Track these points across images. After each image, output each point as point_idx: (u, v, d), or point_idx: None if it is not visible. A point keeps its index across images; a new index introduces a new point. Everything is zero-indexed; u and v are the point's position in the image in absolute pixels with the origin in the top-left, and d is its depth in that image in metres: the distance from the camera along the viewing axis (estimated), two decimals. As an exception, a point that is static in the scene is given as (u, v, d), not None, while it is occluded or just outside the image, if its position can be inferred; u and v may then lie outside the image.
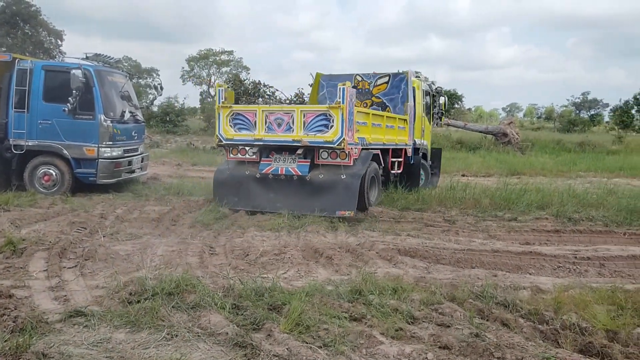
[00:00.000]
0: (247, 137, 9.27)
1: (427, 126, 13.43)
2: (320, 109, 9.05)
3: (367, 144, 9.61)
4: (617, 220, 8.67)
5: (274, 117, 9.13)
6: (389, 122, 10.78)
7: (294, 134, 8.95)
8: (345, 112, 8.60)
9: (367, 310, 4.35)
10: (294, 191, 9.07)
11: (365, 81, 12.33)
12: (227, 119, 9.43)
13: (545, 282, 5.54)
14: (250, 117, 9.28)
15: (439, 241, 7.40)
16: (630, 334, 4.04)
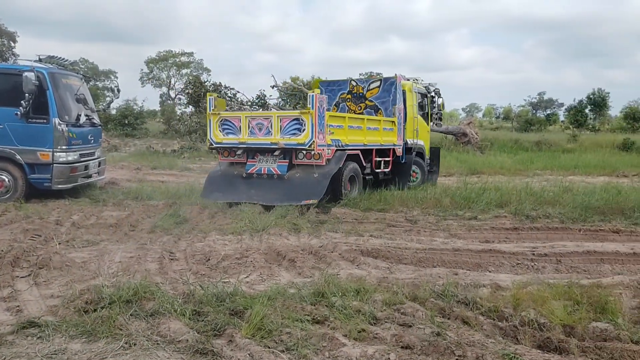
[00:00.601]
0: (234, 140, 10.39)
1: (424, 127, 14.04)
2: (293, 114, 10.11)
3: (343, 145, 10.46)
4: (572, 217, 8.91)
5: (255, 122, 10.20)
6: (370, 124, 11.59)
7: (272, 137, 9.97)
8: (314, 117, 9.53)
9: (330, 313, 4.33)
10: (272, 188, 9.98)
11: (360, 86, 13.21)
12: (217, 125, 10.55)
13: (505, 279, 5.63)
14: (236, 123, 10.38)
15: (401, 241, 7.45)
16: (586, 328, 4.14)
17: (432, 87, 14.73)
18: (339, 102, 13.51)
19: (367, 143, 11.37)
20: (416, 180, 13.49)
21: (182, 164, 18.94)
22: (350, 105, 13.30)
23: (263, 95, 27.21)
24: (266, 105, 27.50)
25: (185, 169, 17.52)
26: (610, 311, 4.42)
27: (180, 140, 25.88)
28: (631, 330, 4.11)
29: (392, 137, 12.39)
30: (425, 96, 14.29)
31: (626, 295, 5.02)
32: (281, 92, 31.16)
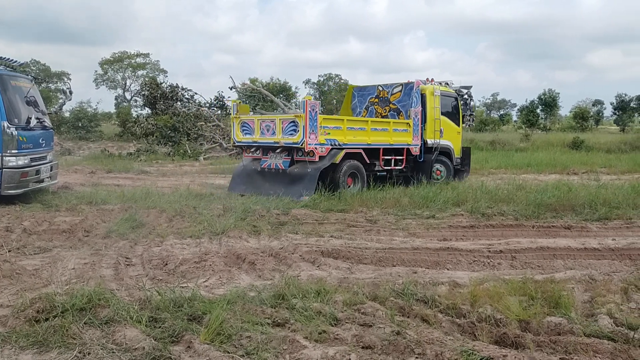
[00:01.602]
0: (249, 139, 12.46)
1: (451, 127, 14.90)
2: (290, 117, 11.72)
3: (340, 144, 11.88)
4: (526, 214, 9.15)
5: (264, 124, 12.12)
6: (376, 125, 13.01)
7: (276, 136, 11.77)
8: (305, 120, 11.10)
9: (291, 315, 4.31)
10: (279, 180, 11.68)
11: (385, 90, 14.67)
12: (238, 126, 12.68)
13: (462, 277, 5.73)
14: (252, 124, 12.38)
15: (361, 241, 7.48)
16: (541, 323, 4.24)
17: (464, 90, 15.57)
18: (368, 105, 15.05)
19: (371, 143, 12.58)
20: (440, 177, 14.31)
21: (139, 167, 18.55)
22: (377, 108, 14.79)
23: (221, 96, 26.96)
24: (225, 106, 27.29)
25: (142, 172, 17.16)
26: (564, 305, 4.55)
27: (136, 142, 25.36)
28: (584, 323, 4.24)
29: (405, 138, 13.54)
30: (456, 99, 15.15)
31: (578, 290, 5.18)
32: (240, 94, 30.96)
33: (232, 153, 22.80)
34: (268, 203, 9.50)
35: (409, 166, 13.85)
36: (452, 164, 14.83)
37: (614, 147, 28.62)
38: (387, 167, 13.25)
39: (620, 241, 7.58)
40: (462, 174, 15.25)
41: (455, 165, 15.03)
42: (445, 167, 14.62)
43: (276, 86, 47.83)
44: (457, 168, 15.13)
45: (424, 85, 14.20)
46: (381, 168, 13.11)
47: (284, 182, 11.57)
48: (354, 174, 12.15)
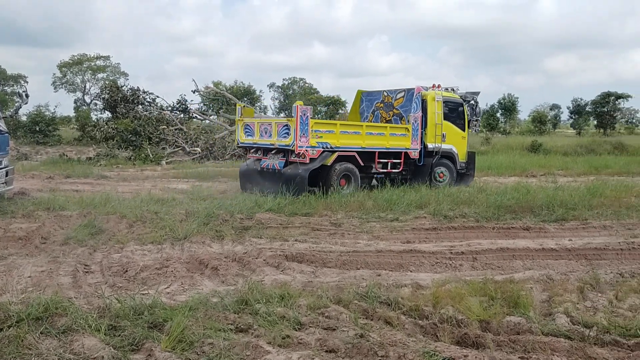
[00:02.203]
0: (250, 141, 13.29)
1: (455, 132, 15.08)
2: (283, 121, 12.51)
3: (332, 147, 12.39)
4: (486, 216, 9.32)
5: (263, 127, 12.96)
6: (372, 130, 13.48)
7: (272, 138, 12.53)
8: (296, 124, 11.80)
9: (254, 320, 4.27)
10: (275, 180, 12.32)
11: (389, 96, 15.15)
12: (242, 129, 13.56)
13: (425, 279, 5.80)
14: (253, 127, 13.22)
15: (325, 245, 7.49)
16: (501, 323, 4.33)
17: (470, 95, 15.82)
18: (374, 110, 15.53)
19: (365, 146, 13.03)
20: (443, 181, 14.53)
21: (98, 171, 18.10)
22: (382, 113, 15.28)
23: (184, 100, 26.60)
24: (187, 110, 26.94)
25: (102, 177, 16.74)
26: (522, 305, 4.66)
27: (96, 147, 24.74)
28: (541, 322, 4.35)
29: (404, 142, 13.90)
30: (461, 105, 15.37)
31: (536, 289, 5.31)
32: (203, 97, 30.66)
33: (195, 157, 22.52)
34: (232, 207, 9.40)
35: (408, 169, 14.28)
36: (456, 168, 15.06)
37: (570, 150, 29.47)
38: (383, 170, 13.67)
39: (576, 241, 7.81)
40: (467, 178, 15.49)
41: (460, 169, 15.27)
42: (448, 170, 14.85)
43: (240, 89, 47.60)
44: (462, 172, 15.37)
45: (425, 91, 14.58)
46: (377, 171, 13.56)
47: (279, 181, 12.16)
48: (348, 176, 12.69)
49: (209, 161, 22.59)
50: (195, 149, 23.07)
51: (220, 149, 23.44)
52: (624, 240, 7.76)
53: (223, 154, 23.19)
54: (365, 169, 13.26)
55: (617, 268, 6.28)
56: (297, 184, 11.75)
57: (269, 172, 12.70)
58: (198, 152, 22.90)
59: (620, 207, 10.19)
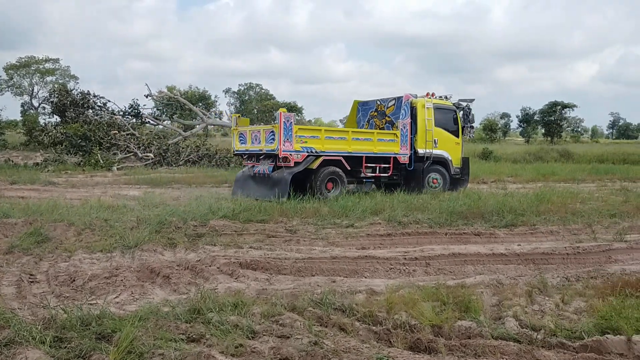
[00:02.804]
0: (244, 148, 14.18)
1: (447, 138, 15.58)
2: (269, 127, 13.18)
3: (317, 151, 13.07)
4: (439, 222, 9.48)
5: (254, 134, 13.80)
6: (358, 135, 14.14)
7: (261, 145, 13.35)
8: (279, 130, 12.52)
9: (206, 330, 4.19)
10: (265, 184, 13.10)
11: (382, 105, 15.82)
12: (236, 137, 14.46)
13: (379, 284, 5.83)
14: (245, 135, 14.07)
15: (281, 251, 7.45)
16: (452, 327, 4.39)
17: (464, 102, 16.25)
18: (369, 118, 16.22)
19: (352, 151, 13.66)
20: (437, 186, 15.01)
21: (46, 177, 17.49)
22: (376, 121, 15.95)
23: (137, 104, 26.07)
24: (140, 115, 26.40)
25: (49, 184, 16.17)
26: (473, 309, 4.74)
27: (43, 152, 23.92)
28: (492, 326, 4.44)
29: (392, 147, 14.44)
30: (455, 112, 15.90)
31: (487, 294, 5.41)
32: (157, 102, 30.12)
33: (147, 163, 22.06)
34: (185, 214, 9.23)
35: (399, 174, 14.81)
36: (449, 173, 15.46)
37: (519, 158, 30.44)
38: (372, 174, 14.27)
39: (525, 246, 8.04)
40: (461, 183, 15.85)
41: (455, 174, 15.66)
42: (441, 176, 15.28)
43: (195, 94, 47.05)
44: (457, 177, 15.75)
45: (414, 98, 15.11)
46: (365, 175, 14.14)
47: (267, 185, 12.97)
48: (334, 179, 13.32)
49: (162, 167, 22.20)
50: (148, 154, 22.63)
51: (173, 154, 23.07)
52: (570, 245, 8.03)
53: (177, 159, 22.83)
54: (353, 173, 13.86)
55: (564, 272, 6.48)
56: (281, 186, 12.42)
57: (260, 177, 13.46)
58: (151, 158, 22.47)
59: (566, 213, 10.54)
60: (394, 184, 14.59)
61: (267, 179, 13.12)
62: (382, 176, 14.47)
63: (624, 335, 4.14)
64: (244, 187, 13.64)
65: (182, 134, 26.11)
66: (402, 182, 14.70)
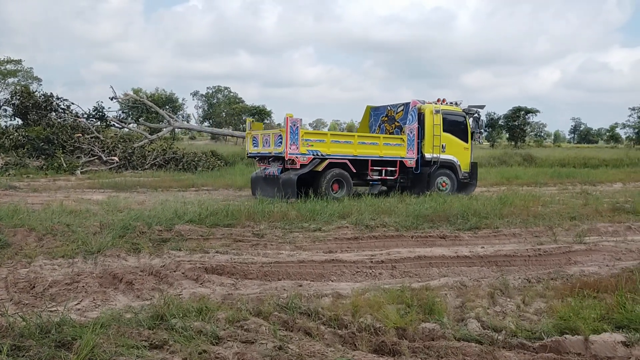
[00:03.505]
0: (256, 151, 15.26)
1: (456, 143, 16.14)
2: (277, 131, 14.21)
3: (323, 154, 13.99)
4: (406, 225, 9.57)
5: (264, 138, 14.80)
6: (364, 139, 14.96)
7: (270, 148, 14.34)
8: (286, 134, 13.48)
9: (169, 336, 4.14)
10: (274, 185, 13.88)
11: (392, 110, 16.58)
12: (250, 141, 15.49)
13: (345, 288, 5.86)
14: (258, 138, 15.15)
15: (247, 256, 7.40)
16: (417, 329, 4.45)
17: (474, 109, 16.78)
18: (380, 123, 16.96)
19: (357, 154, 14.47)
20: (445, 189, 15.64)
21: (7, 182, 17.01)
22: (386, 126, 16.69)
23: (101, 107, 25.58)
24: (105, 118, 25.92)
25: (10, 188, 15.73)
26: (437, 311, 4.80)
27: (4, 155, 23.23)
28: (455, 328, 4.51)
29: (398, 151, 15.20)
30: (464, 117, 16.46)
31: (450, 296, 5.49)
32: (122, 104, 29.63)
33: (112, 166, 21.66)
34: (150, 219, 9.09)
35: (406, 177, 15.49)
36: (457, 177, 16.03)
37: (484, 162, 30.92)
38: (378, 177, 15.05)
39: (488, 249, 8.19)
40: (469, 187, 16.36)
41: (463, 178, 16.20)
42: (450, 180, 15.91)
43: (162, 97, 46.46)
44: (465, 181, 16.26)
45: (422, 105, 15.81)
46: (372, 178, 14.91)
47: (277, 186, 13.68)
48: (340, 181, 14.16)
49: (128, 171, 21.85)
50: (113, 158, 22.23)
51: (139, 158, 22.72)
52: (531, 247, 8.22)
53: (142, 163, 22.49)
54: (360, 175, 14.70)
55: (525, 274, 6.62)
56: (288, 187, 13.26)
57: (270, 178, 14.39)
58: (115, 162, 22.07)
59: (528, 215, 10.78)
60: (401, 186, 15.18)
61: (276, 180, 13.98)
62: (388, 179, 15.16)
63: (582, 335, 4.26)
64: (259, 187, 14.73)
65: (148, 137, 25.72)
66: (408, 185, 15.36)
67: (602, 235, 9.49)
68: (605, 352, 4.08)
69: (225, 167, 23.61)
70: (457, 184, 16.02)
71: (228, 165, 24.48)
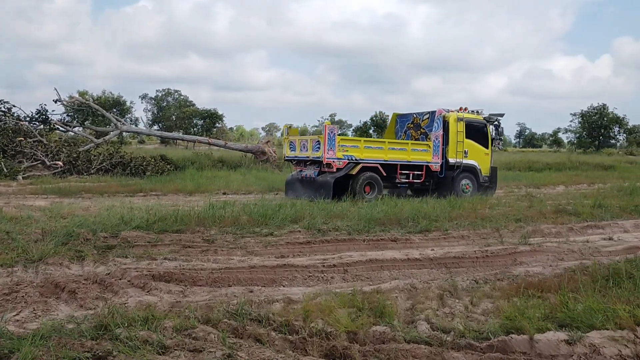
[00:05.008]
0: (293, 155, 16.31)
1: (478, 149, 17.37)
2: (315, 137, 15.42)
3: (357, 159, 15.14)
4: (358, 229, 9.61)
5: (302, 143, 15.99)
6: (394, 145, 16.10)
7: (308, 152, 15.53)
8: (324, 140, 14.69)
9: (114, 346, 3.99)
10: (311, 186, 15.11)
11: (418, 117, 17.77)
12: (287, 145, 16.58)
13: (297, 293, 5.82)
14: (295, 143, 16.28)
15: (197, 262, 7.25)
16: (367, 333, 4.45)
17: (494, 117, 17.93)
18: (406, 129, 18.08)
19: (387, 159, 15.63)
20: (468, 191, 16.77)
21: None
22: (412, 132, 17.84)
23: (45, 110, 24.63)
24: (48, 121, 25.00)
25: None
26: (388, 314, 4.83)
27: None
28: (405, 330, 4.54)
29: (425, 156, 16.35)
30: (485, 125, 17.68)
31: (401, 298, 5.55)
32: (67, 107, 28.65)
33: (56, 171, 20.87)
34: (95, 225, 8.77)
35: (431, 180, 16.63)
36: (478, 181, 17.24)
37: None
38: (406, 180, 16.19)
39: (438, 251, 8.32)
40: (490, 191, 17.46)
41: (483, 182, 17.39)
42: (472, 183, 17.09)
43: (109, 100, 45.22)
44: (485, 185, 17.43)
45: (447, 113, 16.91)
46: (400, 181, 16.08)
47: (314, 187, 14.91)
48: (372, 184, 15.25)
49: (72, 176, 21.09)
50: (57, 162, 21.41)
51: (84, 162, 21.96)
52: (479, 249, 8.41)
53: (88, 167, 21.76)
54: (389, 179, 15.82)
55: (473, 275, 6.75)
56: (325, 189, 14.41)
57: (307, 180, 15.44)
58: (60, 166, 21.27)
59: (476, 218, 11.04)
60: (426, 189, 16.43)
61: (313, 182, 15.12)
62: (415, 182, 16.37)
63: (527, 334, 4.37)
64: (294, 189, 15.62)
65: (95, 141, 24.93)
66: (433, 188, 16.44)
67: (545, 237, 9.82)
68: (549, 351, 4.20)
69: (175, 172, 23.09)
70: (478, 187, 17.14)
71: (178, 169, 23.94)
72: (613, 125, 67.67)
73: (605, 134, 67.96)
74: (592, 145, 66.61)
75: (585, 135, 67.94)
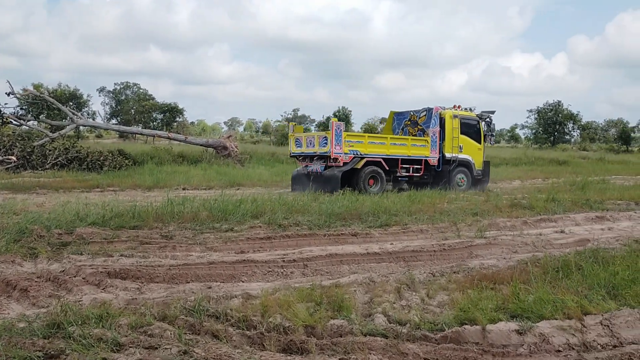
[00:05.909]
0: (299, 151, 17.15)
1: (471, 144, 18.51)
2: (322, 134, 16.40)
3: (362, 154, 16.15)
4: (319, 224, 9.65)
5: (308, 139, 16.96)
6: (394, 141, 17.28)
7: (315, 148, 16.41)
8: (332, 136, 15.64)
9: (67, 345, 3.91)
10: (318, 180, 15.84)
11: (415, 115, 18.71)
12: (293, 141, 17.52)
13: (256, 288, 5.80)
14: (301, 140, 17.16)
15: (154, 259, 7.15)
16: (325, 327, 4.49)
17: (486, 114, 19.02)
18: (403, 127, 19.13)
19: (389, 154, 16.67)
20: (463, 185, 17.86)
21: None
22: (409, 129, 18.86)
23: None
24: (1, 114, 24.18)
25: None
26: (346, 308, 4.88)
27: None
28: (362, 323, 4.60)
29: (423, 151, 17.48)
30: (477, 122, 18.79)
31: (359, 292, 5.60)
32: (21, 101, 27.78)
33: (9, 166, 20.21)
34: (49, 222, 8.54)
35: (429, 174, 17.72)
36: (472, 174, 18.30)
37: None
38: (406, 174, 17.24)
39: (397, 245, 8.44)
40: (482, 184, 18.53)
41: (477, 176, 18.46)
42: (466, 176, 18.16)
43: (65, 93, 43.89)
44: (478, 178, 18.48)
45: (443, 110, 18.02)
46: (401, 174, 17.12)
47: (321, 181, 15.70)
48: (375, 177, 16.31)
49: (26, 171, 20.51)
50: (10, 157, 20.75)
51: (39, 157, 21.35)
52: (437, 243, 8.57)
53: (43, 162, 21.17)
54: (391, 172, 16.83)
55: (430, 268, 6.87)
56: (333, 182, 15.27)
57: (314, 174, 16.22)
58: (13, 161, 20.62)
59: (434, 212, 11.24)
60: (424, 182, 17.33)
61: (320, 176, 15.95)
62: (414, 175, 17.42)
63: (480, 325, 4.49)
64: (300, 183, 16.26)
65: (50, 135, 24.22)
66: (431, 181, 17.40)
67: (501, 230, 10.08)
68: (501, 341, 4.33)
69: (133, 167, 22.68)
70: (472, 181, 18.17)
71: (137, 164, 23.52)
72: (567, 121, 69.62)
73: (560, 129, 69.86)
74: (547, 141, 68.40)
75: (541, 131, 69.70)
